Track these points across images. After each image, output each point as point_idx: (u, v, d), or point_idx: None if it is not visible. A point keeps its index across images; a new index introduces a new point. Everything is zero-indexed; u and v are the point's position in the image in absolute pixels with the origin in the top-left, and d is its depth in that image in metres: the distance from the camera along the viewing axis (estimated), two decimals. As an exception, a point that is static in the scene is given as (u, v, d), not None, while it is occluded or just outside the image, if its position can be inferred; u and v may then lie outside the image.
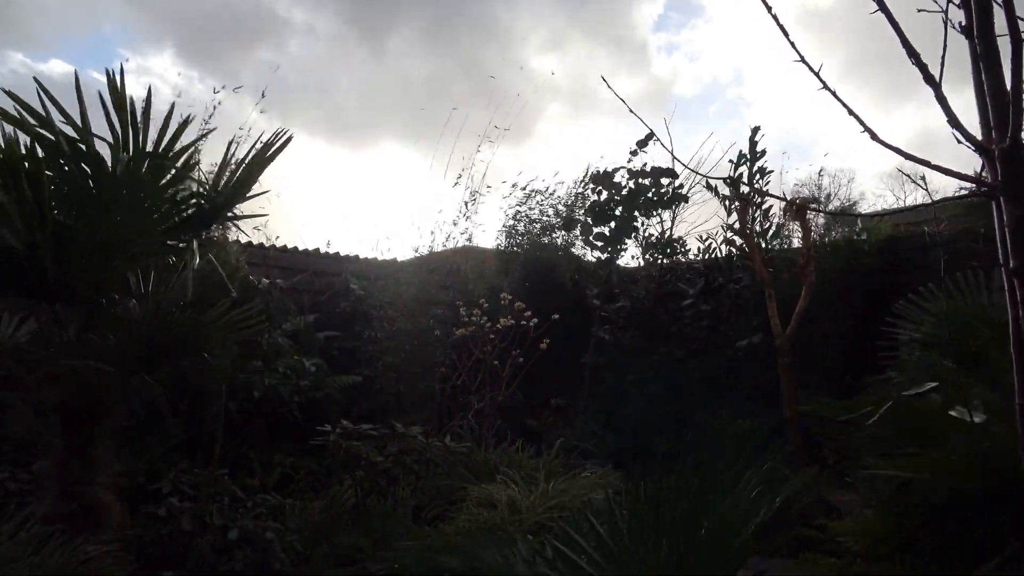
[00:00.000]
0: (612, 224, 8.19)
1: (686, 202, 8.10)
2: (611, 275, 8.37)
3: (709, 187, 7.10)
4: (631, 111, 2.52)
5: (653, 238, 8.29)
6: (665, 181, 7.95)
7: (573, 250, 8.92)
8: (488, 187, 9.07)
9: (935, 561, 2.44)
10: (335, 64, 18.19)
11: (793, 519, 5.24)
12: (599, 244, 8.33)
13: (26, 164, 3.08)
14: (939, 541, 2.56)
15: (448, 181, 9.07)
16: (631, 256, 8.56)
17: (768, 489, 1.97)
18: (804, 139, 24.00)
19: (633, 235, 8.23)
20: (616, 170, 8.15)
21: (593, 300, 8.33)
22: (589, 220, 8.34)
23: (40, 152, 3.14)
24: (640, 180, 8.02)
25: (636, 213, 8.10)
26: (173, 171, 3.46)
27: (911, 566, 2.49)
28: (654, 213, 8.17)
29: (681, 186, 8.03)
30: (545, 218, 9.03)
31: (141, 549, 3.97)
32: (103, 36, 17.48)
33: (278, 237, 8.16)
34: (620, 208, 8.12)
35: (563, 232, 8.84)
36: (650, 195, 8.02)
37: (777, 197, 6.92)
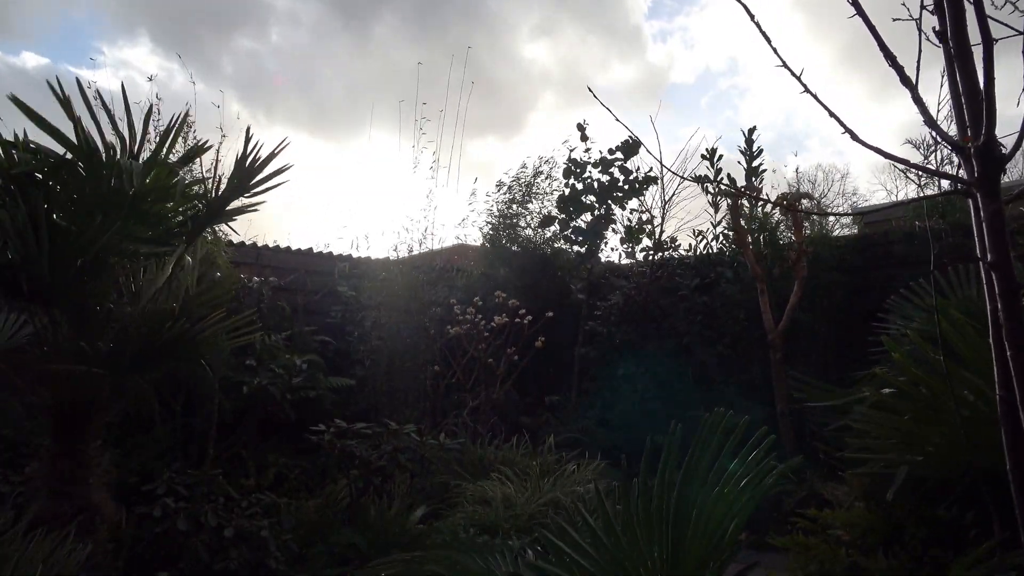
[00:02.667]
0: (587, 217, 8.26)
1: (656, 184, 8.14)
2: (592, 269, 8.38)
3: (697, 181, 7.14)
4: (617, 120, 2.55)
5: (634, 224, 8.32)
6: (633, 166, 8.04)
7: (557, 245, 8.95)
8: (474, 190, 9.12)
9: (923, 551, 2.47)
10: (319, 53, 17.94)
11: (785, 513, 5.29)
12: (576, 239, 8.36)
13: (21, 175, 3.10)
14: (927, 531, 2.58)
15: (437, 175, 9.10)
16: (611, 248, 8.61)
17: (757, 480, 1.98)
18: (798, 128, 23.94)
19: (611, 227, 8.28)
20: (582, 164, 8.23)
21: (578, 295, 8.36)
22: (562, 216, 8.39)
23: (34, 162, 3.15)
24: (608, 168, 8.08)
25: (611, 203, 8.15)
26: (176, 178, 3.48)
27: (899, 556, 2.51)
28: (625, 205, 8.21)
29: (651, 170, 8.11)
30: (528, 216, 9.09)
31: (134, 549, 3.97)
32: (74, 24, 17.27)
33: (267, 237, 8.18)
34: (593, 198, 8.18)
35: (541, 230, 8.89)
36: (621, 184, 8.09)
37: (767, 201, 6.94)
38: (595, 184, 8.18)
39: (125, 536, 3.91)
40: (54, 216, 3.25)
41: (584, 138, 8.26)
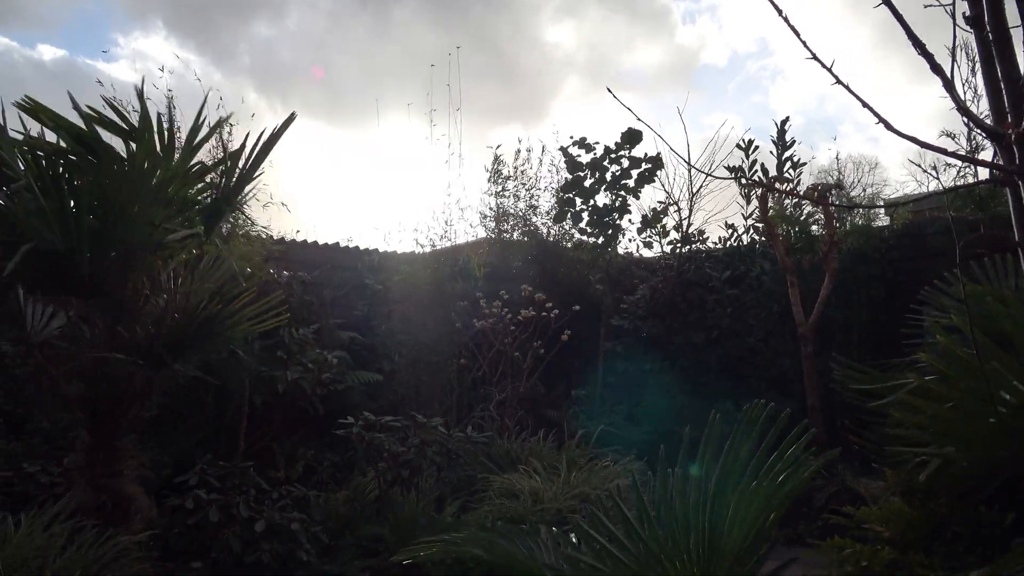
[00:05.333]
0: (592, 203, 8.22)
1: (662, 168, 8.05)
2: (610, 261, 8.33)
3: (729, 170, 7.06)
4: (639, 119, 2.50)
5: (649, 212, 8.25)
6: (641, 154, 7.96)
7: (575, 236, 8.92)
8: (503, 176, 9.10)
9: (967, 548, 2.42)
10: (336, 39, 17.58)
11: (817, 508, 5.23)
12: (592, 231, 8.31)
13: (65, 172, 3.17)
14: (968, 527, 2.53)
15: (461, 168, 9.10)
16: (629, 239, 8.55)
17: (795, 474, 1.96)
18: (831, 113, 23.11)
19: (626, 217, 8.22)
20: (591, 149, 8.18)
21: (596, 286, 8.30)
22: (566, 208, 8.34)
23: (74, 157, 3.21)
24: (616, 156, 8.01)
25: (624, 193, 8.08)
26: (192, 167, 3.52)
27: (941, 553, 2.46)
28: (639, 194, 8.15)
29: (659, 154, 8.01)
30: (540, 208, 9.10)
31: (167, 541, 4.03)
32: (88, 14, 17.33)
33: (293, 231, 8.22)
34: (604, 187, 8.11)
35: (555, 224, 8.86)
36: (626, 167, 8.02)
37: (796, 195, 6.85)
38: (607, 176, 8.14)
39: (158, 527, 3.97)
40: (87, 211, 3.29)
41: (589, 147, 8.24)
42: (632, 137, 7.92)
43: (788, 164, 6.86)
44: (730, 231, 8.04)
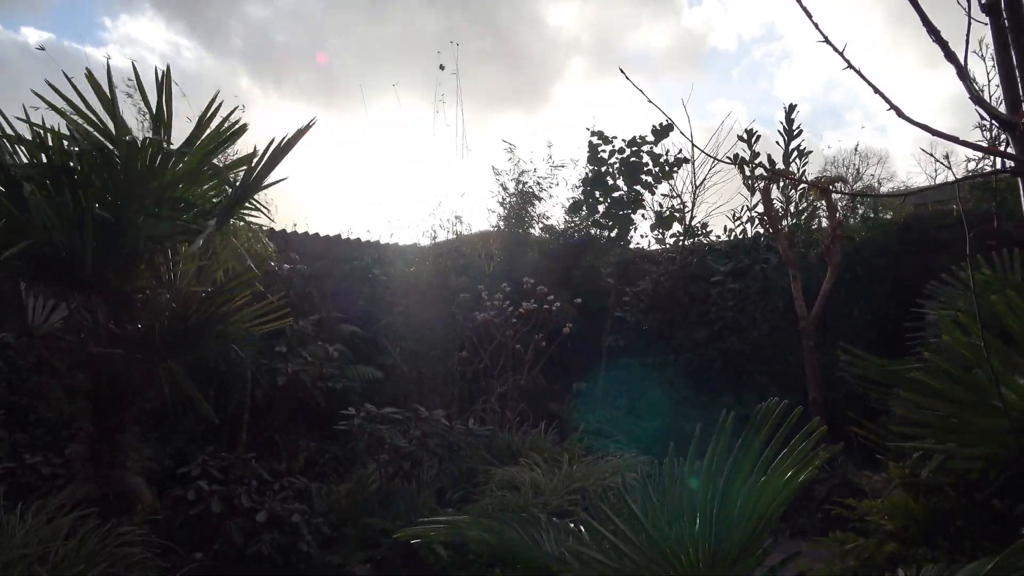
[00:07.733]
0: (611, 197, 8.19)
1: (686, 165, 8.07)
2: (622, 253, 8.32)
3: (735, 163, 7.02)
4: (650, 101, 2.47)
5: (665, 211, 8.23)
6: (661, 149, 7.93)
7: (589, 230, 8.89)
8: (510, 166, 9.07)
9: (972, 543, 2.41)
10: (331, 21, 17.09)
11: (819, 501, 5.23)
12: (606, 223, 8.30)
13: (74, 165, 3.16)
14: (972, 522, 2.52)
15: (465, 156, 9.07)
16: (641, 235, 8.56)
17: (803, 470, 1.95)
18: (839, 100, 22.73)
19: (640, 211, 8.21)
20: (608, 142, 8.15)
21: (607, 279, 8.29)
22: (588, 200, 8.33)
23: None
24: (638, 152, 7.99)
25: (640, 188, 8.08)
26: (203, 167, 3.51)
27: (945, 548, 2.45)
28: (655, 190, 8.14)
29: (680, 151, 8.00)
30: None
31: (170, 532, 4.03)
32: None
33: (293, 222, 8.20)
34: (621, 179, 8.10)
35: (569, 216, 8.83)
36: (649, 166, 8.00)
37: (802, 180, 6.80)
38: (622, 167, 8.12)
39: (161, 518, 3.97)
40: (95, 207, 3.28)
41: (606, 139, 8.22)
42: (662, 132, 7.91)
43: (795, 153, 6.80)
44: (736, 222, 8.03)
